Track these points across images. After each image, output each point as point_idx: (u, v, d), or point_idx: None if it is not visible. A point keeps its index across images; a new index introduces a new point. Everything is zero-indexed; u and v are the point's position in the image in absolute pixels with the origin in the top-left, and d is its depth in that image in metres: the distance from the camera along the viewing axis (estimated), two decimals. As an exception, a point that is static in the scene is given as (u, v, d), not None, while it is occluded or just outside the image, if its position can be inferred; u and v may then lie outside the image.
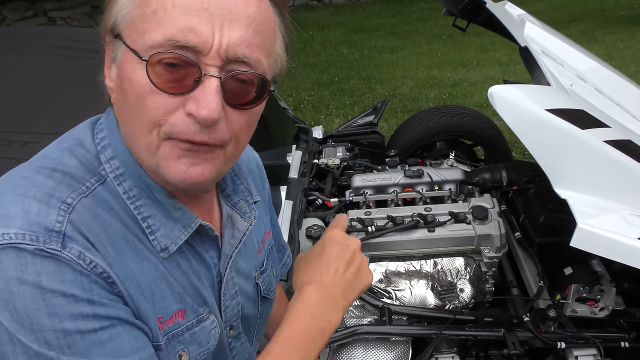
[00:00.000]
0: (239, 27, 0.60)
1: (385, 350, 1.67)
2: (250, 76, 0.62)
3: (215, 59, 0.59)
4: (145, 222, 0.68)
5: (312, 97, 5.73)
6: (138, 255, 0.66)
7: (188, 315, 0.71)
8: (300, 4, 10.36)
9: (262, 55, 0.63)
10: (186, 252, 0.73)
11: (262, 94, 0.65)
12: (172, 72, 0.59)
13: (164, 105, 0.60)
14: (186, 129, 0.60)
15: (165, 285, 0.68)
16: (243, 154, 0.89)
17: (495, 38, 2.98)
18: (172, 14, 0.58)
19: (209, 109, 0.59)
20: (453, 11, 2.53)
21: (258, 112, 0.68)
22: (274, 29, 0.67)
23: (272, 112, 2.59)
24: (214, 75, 0.59)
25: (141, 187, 0.68)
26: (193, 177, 0.63)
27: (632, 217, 1.40)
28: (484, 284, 1.91)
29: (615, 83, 1.92)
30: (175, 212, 0.70)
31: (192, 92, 0.59)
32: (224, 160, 0.67)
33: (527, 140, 1.52)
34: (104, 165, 0.67)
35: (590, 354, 1.59)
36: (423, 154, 2.84)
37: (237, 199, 0.83)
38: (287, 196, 2.01)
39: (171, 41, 0.58)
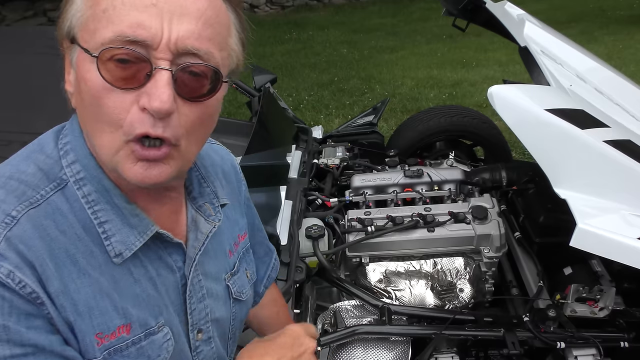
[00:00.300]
0: (188, 21, 0.61)
1: (385, 350, 1.67)
2: (202, 68, 0.63)
3: (165, 52, 0.60)
4: (102, 227, 0.68)
5: (311, 97, 5.73)
6: (78, 271, 0.66)
7: (134, 329, 0.71)
8: (300, 4, 10.36)
9: (214, 48, 0.64)
10: (142, 258, 0.73)
11: (215, 86, 0.65)
12: (124, 68, 0.60)
13: (119, 103, 0.61)
14: (141, 124, 0.61)
15: (107, 300, 0.68)
16: (215, 156, 0.91)
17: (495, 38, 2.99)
18: (122, 11, 0.59)
19: (160, 100, 0.60)
20: (453, 11, 2.53)
21: (213, 105, 0.68)
22: (226, 24, 0.67)
23: (272, 112, 2.59)
24: (165, 68, 0.60)
25: (101, 191, 0.69)
26: (151, 178, 0.64)
27: (632, 217, 1.40)
28: (484, 284, 1.91)
29: (615, 83, 1.92)
30: (132, 218, 0.70)
31: (144, 87, 0.61)
32: (181, 159, 0.67)
33: (526, 140, 1.52)
34: (65, 170, 0.68)
35: (590, 354, 1.59)
36: (423, 154, 2.84)
37: (203, 202, 0.82)
38: (287, 196, 2.01)
39: (120, 37, 0.59)
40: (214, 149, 0.94)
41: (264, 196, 1.98)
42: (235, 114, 5.34)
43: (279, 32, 8.64)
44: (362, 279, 1.90)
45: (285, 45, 7.94)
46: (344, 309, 1.79)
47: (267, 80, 2.86)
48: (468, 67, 6.25)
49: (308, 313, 1.75)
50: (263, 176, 2.09)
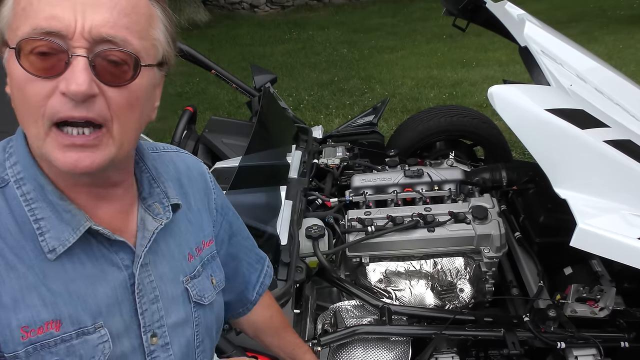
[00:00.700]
0: (102, 11, 0.65)
1: (385, 350, 1.67)
2: (119, 54, 0.66)
3: (80, 41, 0.64)
4: (37, 224, 0.71)
5: (311, 97, 5.73)
6: (5, 264, 0.68)
7: (65, 326, 0.71)
8: (300, 4, 10.36)
9: (132, 36, 0.67)
10: (81, 256, 0.73)
11: (136, 71, 0.68)
12: (44, 59, 0.64)
13: (40, 91, 0.64)
14: (62, 107, 0.64)
15: (35, 294, 0.69)
16: (180, 164, 0.93)
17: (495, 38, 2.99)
18: (38, 7, 0.64)
19: (76, 83, 0.63)
20: (453, 11, 2.53)
21: (138, 90, 0.70)
22: (146, 15, 0.70)
23: (272, 112, 2.59)
24: (81, 55, 0.64)
25: (37, 190, 0.71)
26: (82, 168, 0.67)
27: (632, 217, 1.40)
28: (484, 284, 1.91)
29: (615, 83, 1.92)
30: (65, 214, 0.72)
31: (63, 74, 0.64)
32: (113, 147, 0.69)
33: (527, 140, 1.52)
34: (7, 171, 0.72)
35: (590, 354, 1.59)
36: (423, 154, 2.84)
37: (152, 202, 0.83)
38: (287, 196, 2.01)
39: (37, 30, 0.63)
40: (181, 157, 0.96)
41: (264, 196, 1.98)
42: (235, 114, 5.34)
43: (279, 32, 8.64)
44: (362, 279, 1.90)
45: (285, 45, 7.94)
46: (344, 309, 1.79)
47: (267, 80, 2.86)
48: (468, 67, 6.25)
49: (308, 313, 1.75)
50: (263, 176, 2.09)
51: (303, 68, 6.76)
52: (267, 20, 9.50)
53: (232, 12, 9.93)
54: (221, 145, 2.69)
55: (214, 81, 5.95)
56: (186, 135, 2.64)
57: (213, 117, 2.85)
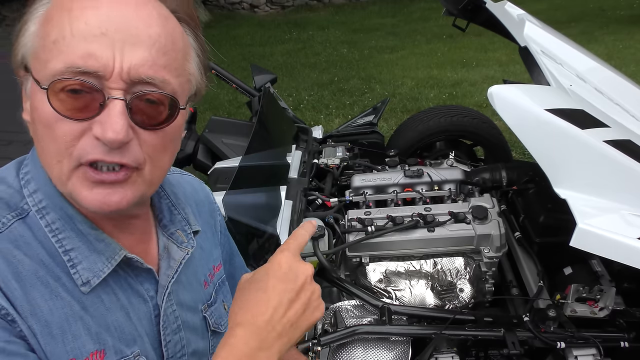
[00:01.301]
0: (141, 49, 0.60)
1: (385, 350, 1.67)
2: (157, 96, 0.62)
3: (118, 82, 0.59)
4: (67, 255, 0.66)
5: (312, 97, 5.73)
6: (50, 292, 0.64)
7: (109, 356, 0.68)
8: (300, 4, 10.36)
9: (170, 75, 0.63)
10: (113, 286, 0.70)
11: (173, 113, 0.64)
12: (77, 98, 0.59)
13: (70, 132, 0.60)
14: (94, 150, 0.60)
15: (80, 324, 0.66)
16: (187, 187, 0.90)
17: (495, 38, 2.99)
18: (71, 42, 0.58)
19: (113, 131, 0.59)
20: (453, 11, 2.53)
21: (172, 132, 0.67)
22: (183, 49, 0.66)
23: (272, 112, 2.59)
24: (118, 98, 0.59)
25: (64, 219, 0.67)
26: (111, 205, 0.63)
27: (632, 217, 1.40)
28: (484, 284, 1.91)
29: (615, 83, 1.92)
30: (98, 243, 0.68)
31: (97, 117, 0.60)
32: (143, 184, 0.66)
33: (527, 140, 1.52)
34: (27, 199, 0.67)
35: (590, 354, 1.59)
36: (423, 154, 2.84)
37: (174, 229, 0.80)
38: (287, 196, 2.01)
39: (72, 68, 0.58)
40: (187, 179, 0.93)
41: (264, 196, 1.98)
42: (235, 114, 5.34)
43: (279, 32, 8.64)
44: (362, 279, 1.90)
45: (285, 45, 7.94)
46: (344, 309, 1.79)
47: (267, 80, 2.86)
48: (468, 67, 6.25)
49: (308, 313, 1.75)
50: (263, 176, 2.09)
51: (303, 68, 6.76)
52: (267, 20, 9.50)
53: (232, 12, 9.94)
54: (221, 145, 2.69)
55: (214, 81, 5.95)
56: (186, 135, 2.64)
57: (213, 117, 2.85)
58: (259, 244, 1.72)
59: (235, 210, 1.65)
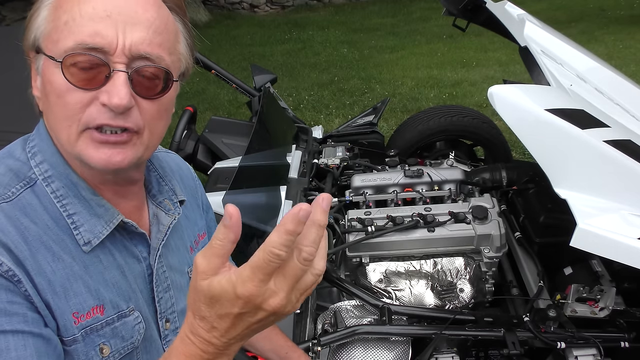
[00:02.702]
0: (140, 30, 0.70)
1: (385, 350, 1.67)
2: (153, 69, 0.72)
3: (121, 57, 0.69)
4: (71, 219, 0.75)
5: (312, 97, 5.73)
6: (53, 255, 0.72)
7: (107, 310, 0.77)
8: (300, 4, 10.36)
9: (164, 52, 0.73)
10: (110, 247, 0.79)
11: (167, 85, 0.75)
12: (85, 71, 0.69)
13: (80, 100, 0.69)
14: (101, 115, 0.70)
15: (80, 283, 0.74)
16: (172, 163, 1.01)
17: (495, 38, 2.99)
18: (80, 22, 0.68)
19: (119, 97, 0.68)
20: (453, 11, 2.53)
21: (167, 102, 0.77)
22: (174, 32, 0.77)
23: (272, 112, 2.59)
24: (122, 70, 0.69)
25: (68, 186, 0.76)
26: (115, 163, 0.72)
27: (632, 217, 1.40)
28: (484, 284, 1.91)
29: (615, 83, 1.92)
30: (98, 208, 0.77)
31: (103, 86, 0.69)
32: (142, 147, 0.75)
33: (527, 140, 1.52)
34: (34, 170, 0.76)
35: (590, 354, 1.59)
36: (423, 154, 2.84)
37: (162, 198, 0.90)
38: (287, 196, 2.01)
39: (81, 45, 0.68)
40: (171, 157, 1.03)
41: (264, 196, 1.98)
42: (235, 114, 5.34)
43: (279, 32, 8.64)
44: (362, 279, 1.90)
45: (285, 45, 7.94)
46: (344, 309, 1.79)
47: (267, 80, 2.86)
48: (468, 67, 6.25)
49: (308, 313, 1.75)
50: (263, 176, 2.09)
51: (303, 68, 6.76)
52: (267, 20, 9.50)
53: (232, 12, 9.94)
54: (221, 145, 2.69)
55: (214, 81, 5.95)
56: (186, 135, 2.64)
57: (213, 117, 2.85)
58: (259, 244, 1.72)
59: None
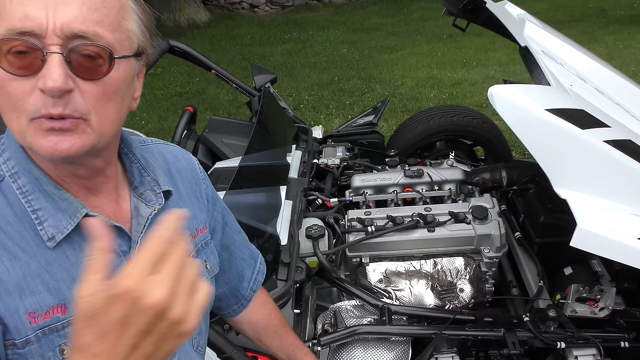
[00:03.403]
0: (72, 8, 0.67)
1: (385, 350, 1.67)
2: (92, 48, 0.68)
3: (53, 38, 0.66)
4: (35, 214, 0.74)
5: (312, 97, 5.73)
6: (9, 254, 0.71)
7: (70, 310, 0.74)
8: (300, 4, 10.36)
9: (103, 29, 0.69)
10: (79, 242, 0.76)
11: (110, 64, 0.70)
12: (21, 58, 0.66)
13: (21, 89, 0.67)
14: (42, 104, 0.67)
15: (39, 281, 0.72)
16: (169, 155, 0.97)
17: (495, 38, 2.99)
18: (10, 8, 0.66)
19: (52, 79, 0.65)
20: (453, 11, 2.53)
21: (114, 83, 0.72)
22: (117, 7, 0.72)
23: (272, 112, 2.59)
24: (55, 52, 0.66)
25: (33, 182, 0.75)
26: (62, 151, 0.69)
27: (632, 217, 1.40)
28: (484, 284, 1.91)
29: (615, 83, 1.92)
30: (61, 202, 0.76)
31: (40, 72, 0.66)
32: (93, 134, 0.71)
33: (527, 140, 1.52)
34: (2, 167, 0.75)
35: (590, 354, 1.59)
36: (423, 154, 2.84)
37: (144, 190, 0.87)
38: (287, 196, 2.01)
39: (12, 30, 0.65)
40: (168, 149, 1.00)
41: (264, 196, 1.98)
42: (235, 114, 5.34)
43: (279, 32, 8.64)
44: (362, 279, 1.90)
45: (285, 45, 7.94)
46: (344, 309, 1.79)
47: (267, 80, 2.86)
48: (468, 67, 6.25)
49: (308, 313, 1.75)
50: (263, 176, 2.09)
51: (303, 68, 6.76)
52: (267, 20, 9.50)
53: (232, 12, 9.94)
54: (221, 145, 2.69)
55: (214, 81, 5.95)
56: (186, 135, 2.64)
57: (213, 117, 2.85)
58: (259, 244, 1.72)
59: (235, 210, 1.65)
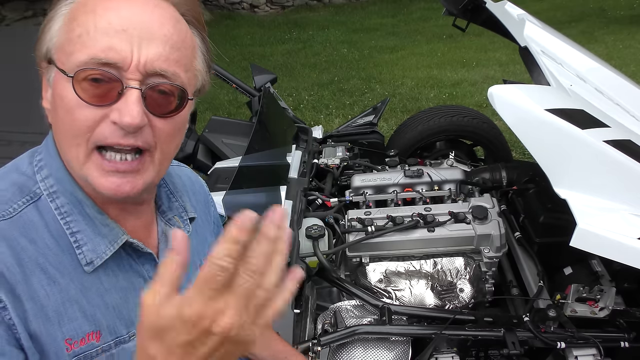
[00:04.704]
0: (156, 45, 0.67)
1: (385, 350, 1.67)
2: (169, 87, 0.69)
3: (135, 73, 0.66)
4: (74, 237, 0.72)
5: (312, 97, 5.73)
6: (48, 279, 0.69)
7: (104, 336, 0.73)
8: (300, 4, 10.36)
9: (180, 69, 0.70)
10: (114, 268, 0.76)
11: (182, 103, 0.72)
12: (97, 86, 0.66)
13: (91, 117, 0.66)
14: (112, 134, 0.67)
15: (76, 307, 0.71)
16: (184, 177, 0.97)
17: (495, 38, 2.99)
18: (95, 36, 0.65)
19: (130, 116, 0.65)
20: (453, 11, 2.53)
21: (181, 121, 0.74)
22: (191, 47, 0.74)
23: (272, 112, 2.59)
24: (135, 87, 0.66)
25: (73, 203, 0.73)
26: (124, 192, 0.69)
27: (632, 217, 1.40)
28: (484, 284, 1.91)
29: (615, 83, 1.92)
30: (103, 227, 0.74)
31: (115, 104, 0.66)
32: (153, 170, 0.72)
33: (527, 140, 1.52)
34: (39, 184, 0.73)
35: (590, 354, 1.59)
36: (423, 154, 2.84)
37: (172, 215, 0.87)
38: (287, 196, 2.01)
39: (94, 59, 0.65)
40: (184, 171, 1.00)
41: (264, 196, 1.98)
42: (235, 114, 5.34)
43: (279, 32, 8.64)
44: (362, 279, 1.90)
45: (285, 45, 7.94)
46: (344, 309, 1.79)
47: (267, 80, 2.86)
48: (468, 67, 6.25)
49: (308, 313, 1.75)
50: (263, 176, 2.09)
51: (303, 68, 6.76)
52: (267, 20, 9.50)
53: (232, 12, 9.94)
54: (221, 145, 2.69)
55: (214, 81, 5.94)
56: (186, 135, 2.64)
57: (213, 117, 2.85)
58: (258, 244, 1.72)
59: (235, 210, 1.65)
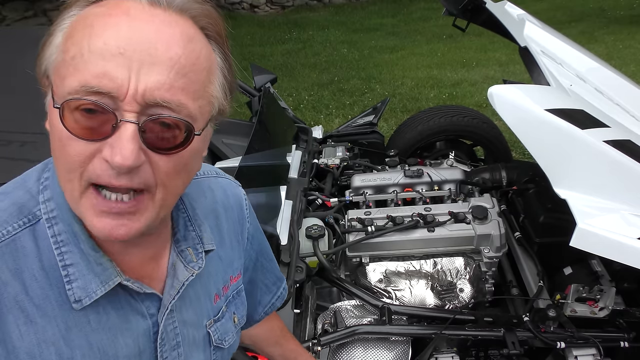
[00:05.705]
0: (159, 71, 0.57)
1: (385, 350, 1.67)
2: (172, 120, 0.59)
3: (131, 104, 0.57)
4: (66, 270, 0.66)
5: (312, 97, 5.73)
6: (25, 317, 0.64)
7: None
8: (300, 4, 10.36)
9: (187, 98, 0.60)
10: (106, 306, 0.69)
11: (188, 137, 0.61)
12: (90, 118, 0.57)
13: (82, 152, 0.58)
14: (103, 173, 0.58)
15: (52, 349, 0.65)
16: (218, 192, 0.86)
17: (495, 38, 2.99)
18: (88, 59, 0.56)
19: (122, 156, 0.57)
20: (453, 11, 2.53)
21: (188, 156, 0.63)
22: (206, 70, 0.63)
23: (272, 112, 2.59)
24: (130, 121, 0.57)
25: (69, 233, 0.67)
26: (117, 236, 0.61)
27: (632, 217, 1.40)
28: (484, 284, 1.91)
29: (615, 83, 1.92)
30: (96, 266, 0.67)
31: (109, 138, 0.57)
32: (154, 210, 0.63)
33: (526, 140, 1.52)
34: (41, 206, 0.67)
35: (590, 354, 1.59)
36: (423, 154, 2.84)
37: (186, 246, 0.78)
38: (287, 196, 2.01)
39: (85, 87, 0.56)
40: (220, 183, 0.89)
41: (264, 196, 1.98)
42: (235, 114, 5.34)
43: (279, 32, 8.64)
44: (362, 279, 1.90)
45: (285, 45, 7.94)
46: (344, 309, 1.79)
47: (267, 80, 2.86)
48: (468, 67, 6.25)
49: (308, 313, 1.75)
50: (263, 176, 2.09)
51: (303, 68, 6.75)
52: (267, 20, 9.50)
53: (232, 12, 9.94)
54: (221, 145, 2.69)
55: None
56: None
57: (213, 117, 2.85)
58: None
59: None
